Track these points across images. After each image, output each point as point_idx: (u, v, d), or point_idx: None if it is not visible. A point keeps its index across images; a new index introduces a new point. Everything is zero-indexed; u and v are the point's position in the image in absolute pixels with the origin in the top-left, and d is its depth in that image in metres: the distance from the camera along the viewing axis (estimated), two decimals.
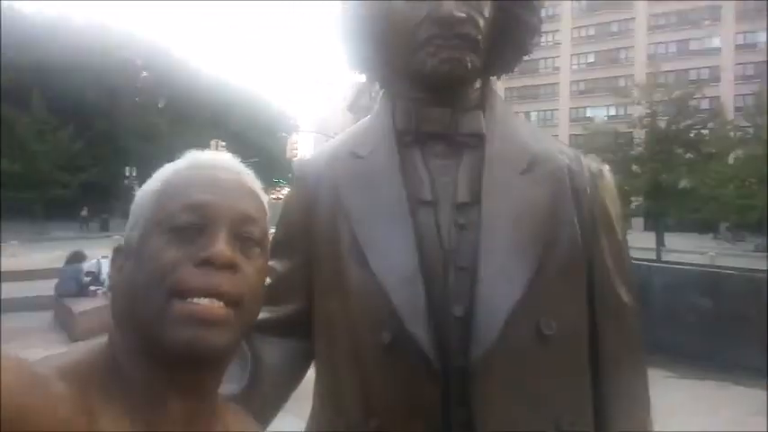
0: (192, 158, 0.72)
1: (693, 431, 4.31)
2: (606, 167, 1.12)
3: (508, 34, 1.09)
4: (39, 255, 15.34)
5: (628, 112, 26.76)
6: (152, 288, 0.61)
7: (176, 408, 0.63)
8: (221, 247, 0.62)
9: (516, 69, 1.21)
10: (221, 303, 0.61)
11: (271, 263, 1.11)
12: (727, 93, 41.89)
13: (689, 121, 22.46)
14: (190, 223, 0.63)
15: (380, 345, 0.92)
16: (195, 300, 0.60)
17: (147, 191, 0.69)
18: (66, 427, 0.52)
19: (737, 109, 34.85)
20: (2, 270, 11.80)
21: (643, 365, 1.10)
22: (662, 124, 22.64)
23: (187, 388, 0.65)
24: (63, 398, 0.54)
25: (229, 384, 0.90)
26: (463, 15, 0.97)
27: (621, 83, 40.04)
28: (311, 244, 1.06)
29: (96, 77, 35.05)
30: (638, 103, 24.17)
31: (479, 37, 1.00)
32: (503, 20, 1.07)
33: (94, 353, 0.64)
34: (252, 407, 0.89)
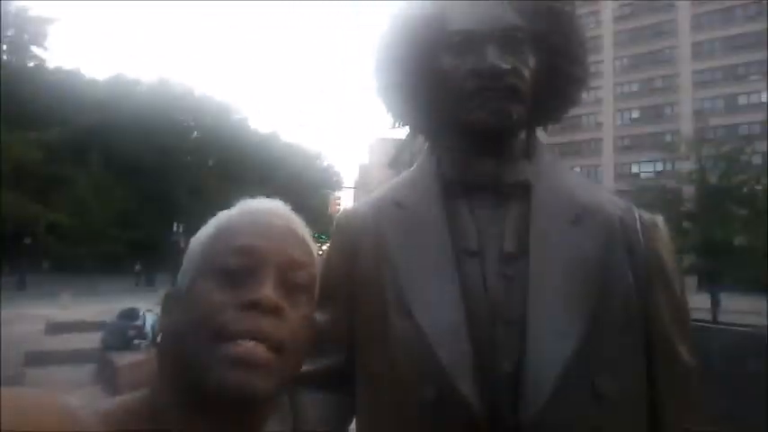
0: (245, 205, 0.74)
1: None
2: (660, 219, 1.07)
3: (554, 86, 1.09)
4: (88, 308, 15.72)
5: (675, 168, 26.22)
6: (199, 329, 0.61)
7: None
8: (267, 291, 0.63)
9: (559, 125, 1.21)
10: (264, 347, 0.61)
11: None
12: None
13: (741, 177, 21.86)
14: (238, 266, 0.65)
15: (425, 401, 0.89)
16: (239, 341, 0.61)
17: (200, 237, 0.71)
18: None
19: None
20: (52, 322, 12.15)
21: (703, 427, 1.01)
22: (712, 180, 22.09)
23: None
24: None
25: None
26: (508, 67, 0.98)
27: (668, 138, 39.46)
28: (354, 294, 1.04)
29: (150, 137, 36.77)
30: (686, 159, 23.73)
31: (524, 88, 1.01)
32: (549, 72, 1.07)
33: (137, 402, 0.64)
34: None
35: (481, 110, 0.99)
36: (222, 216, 0.73)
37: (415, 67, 1.09)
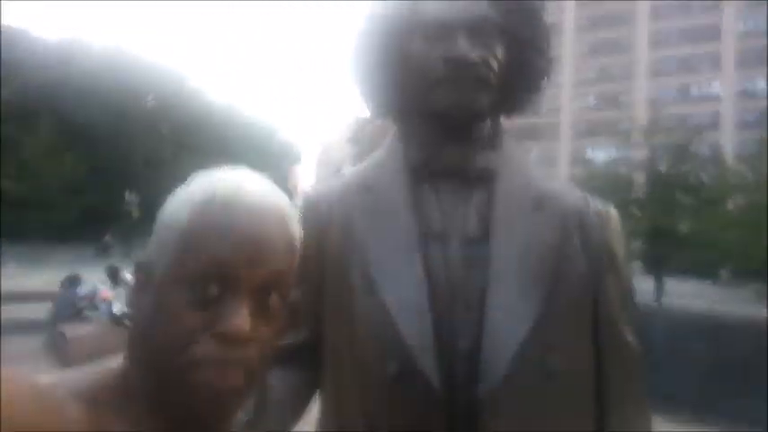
0: (225, 190, 0.65)
1: None
2: (613, 209, 1.14)
3: (519, 76, 1.13)
4: (36, 277, 15.25)
5: (628, 155, 26.92)
6: (170, 353, 0.60)
7: None
8: (242, 322, 0.59)
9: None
10: (233, 373, 0.60)
11: None
12: (728, 139, 42.32)
13: (689, 166, 22.65)
14: (212, 278, 0.60)
15: (387, 376, 0.93)
16: (207, 371, 0.59)
17: (172, 216, 0.64)
18: None
19: (737, 155, 35.21)
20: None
21: (646, 405, 1.10)
22: (662, 168, 22.82)
23: (200, 425, 0.64)
24: (76, 420, 0.55)
25: None
26: (477, 57, 1.01)
27: (622, 125, 40.48)
28: (321, 273, 1.06)
29: (105, 102, 35.45)
30: (639, 147, 24.41)
31: (492, 78, 1.04)
32: (514, 62, 1.11)
33: (109, 377, 0.64)
34: None
35: (449, 97, 1.02)
36: (198, 194, 0.64)
37: (387, 52, 1.12)
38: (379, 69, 1.15)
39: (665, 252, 22.03)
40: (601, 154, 45.22)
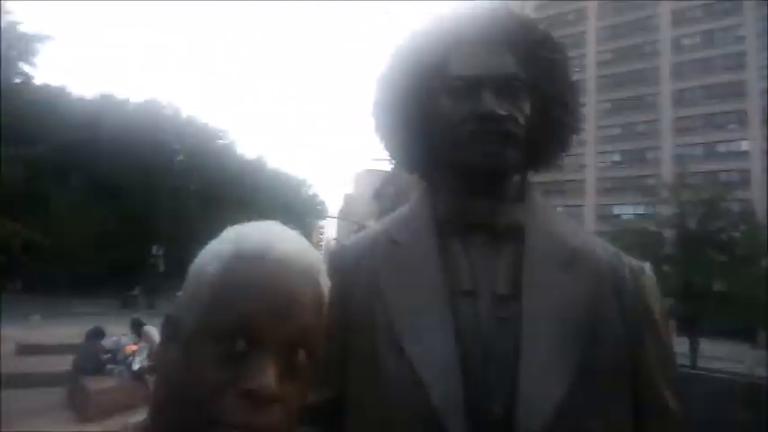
0: (254, 243, 0.66)
1: None
2: (648, 265, 1.09)
3: (547, 132, 1.13)
4: (60, 330, 15.35)
5: (655, 212, 26.63)
6: (194, 409, 0.60)
7: None
8: (268, 380, 0.59)
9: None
10: None
11: None
12: (758, 196, 41.68)
13: (720, 223, 22.27)
14: (239, 336, 0.60)
15: None
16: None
17: (202, 270, 0.65)
18: None
19: None
20: (22, 344, 11.84)
21: None
22: (691, 225, 22.46)
23: None
24: None
25: None
26: (504, 113, 1.01)
27: (649, 182, 40.22)
28: (346, 329, 1.03)
29: (134, 158, 36.53)
30: (667, 203, 24.14)
31: (519, 133, 1.04)
32: (543, 118, 1.10)
33: None
34: None
35: (477, 153, 1.02)
36: (227, 248, 0.66)
37: (413, 108, 1.12)
38: (404, 125, 1.15)
39: (698, 311, 21.40)
40: (627, 210, 44.86)
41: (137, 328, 9.15)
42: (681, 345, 19.72)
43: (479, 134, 1.02)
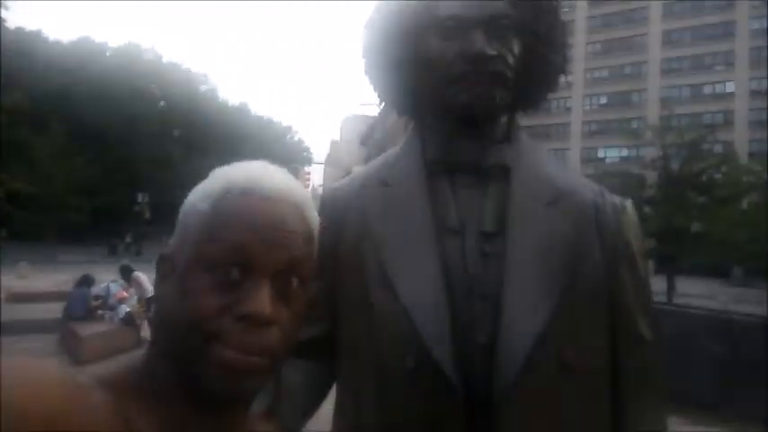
0: (244, 179, 0.68)
1: None
2: (629, 203, 1.13)
3: (535, 72, 1.14)
4: (48, 277, 15.39)
5: (640, 154, 26.74)
6: (192, 331, 0.61)
7: (210, 422, 0.65)
8: (263, 304, 0.61)
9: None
10: (256, 357, 0.61)
11: None
12: (741, 138, 41.93)
13: (701, 165, 22.44)
14: (234, 263, 0.62)
15: (404, 369, 0.95)
16: (231, 351, 0.60)
17: (194, 209, 0.67)
18: None
19: (751, 154, 34.83)
20: (12, 291, 11.88)
21: (662, 399, 1.10)
22: (674, 167, 22.63)
23: (221, 408, 0.66)
24: (102, 406, 0.57)
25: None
26: (494, 53, 1.02)
27: (634, 125, 40.18)
28: (337, 268, 1.08)
29: (116, 105, 35.69)
30: (651, 146, 24.24)
31: (509, 74, 1.05)
32: (530, 58, 1.11)
33: (133, 365, 0.66)
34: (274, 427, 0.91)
35: (466, 93, 1.03)
36: (219, 187, 0.67)
37: (403, 49, 1.13)
38: (394, 67, 1.15)
39: (676, 251, 21.85)
40: (612, 153, 45.01)
41: (126, 274, 9.23)
42: (658, 283, 20.25)
43: (469, 75, 1.02)
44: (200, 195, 0.68)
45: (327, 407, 1.14)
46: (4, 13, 31.66)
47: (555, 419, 0.93)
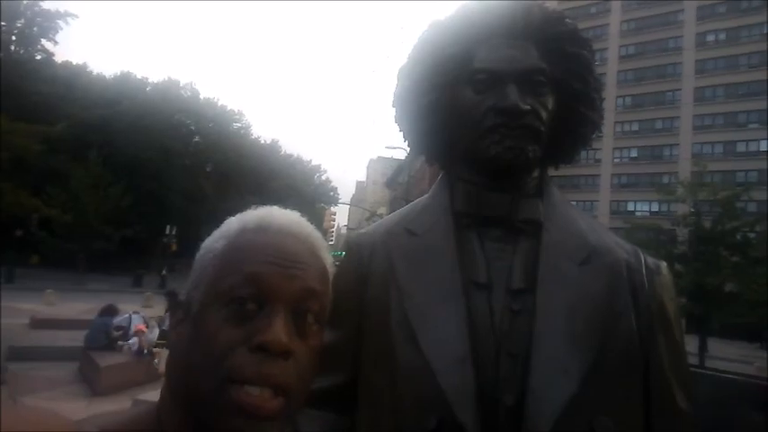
0: (258, 218, 0.70)
1: None
2: (664, 264, 1.10)
3: (569, 127, 1.13)
4: (74, 305, 15.56)
5: (671, 210, 26.29)
6: (208, 369, 0.61)
7: None
8: (278, 334, 0.61)
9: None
10: (272, 392, 0.61)
11: None
12: None
13: (735, 223, 21.95)
14: (249, 296, 0.63)
15: (426, 429, 0.90)
16: (247, 388, 0.60)
17: (210, 249, 0.68)
18: None
19: None
20: (36, 318, 12.01)
21: None
22: (707, 224, 22.18)
23: None
24: None
25: None
26: (528, 108, 1.01)
27: (665, 179, 39.75)
28: (361, 316, 1.05)
29: (152, 138, 36.73)
30: (683, 201, 23.86)
31: (542, 128, 1.04)
32: (565, 114, 1.10)
33: (140, 416, 0.64)
34: None
35: (498, 146, 1.02)
36: (234, 227, 0.69)
37: (436, 99, 1.13)
38: (426, 116, 1.15)
39: (709, 311, 21.20)
40: (643, 207, 44.45)
41: (173, 298, 9.29)
42: (689, 343, 19.54)
43: (501, 128, 1.02)
44: (215, 237, 0.70)
45: None
46: (53, 47, 33.07)
47: None
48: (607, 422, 0.90)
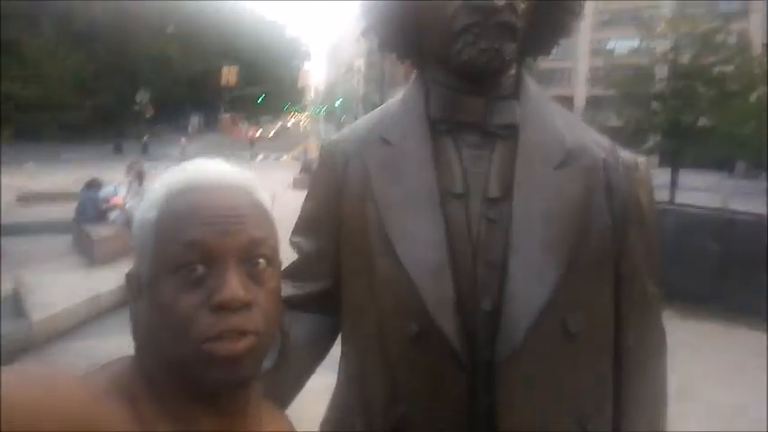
0: (184, 177, 0.68)
1: (694, 370, 4.47)
2: (642, 159, 1.10)
3: (548, 17, 1.06)
4: (56, 177, 15.49)
5: (651, 46, 25.62)
6: (175, 339, 0.62)
7: (220, 413, 0.67)
8: (233, 290, 0.62)
9: None
10: (243, 340, 0.63)
11: (297, 239, 1.13)
12: (757, 27, 40.15)
13: (713, 58, 21.61)
14: (194, 261, 0.62)
15: (408, 335, 0.93)
16: (218, 342, 0.61)
17: (144, 221, 0.66)
18: None
19: (765, 44, 33.48)
20: (23, 193, 12.03)
21: (663, 360, 1.11)
22: (685, 60, 21.84)
23: (227, 397, 0.68)
24: (118, 411, 0.58)
25: None
26: (502, 2, 0.94)
27: (646, 15, 38.42)
28: (339, 227, 1.06)
29: (108, 2, 34.22)
30: (664, 37, 23.26)
31: (518, 24, 0.97)
32: (543, 3, 1.04)
33: (122, 370, 0.66)
34: (280, 381, 0.95)
35: (472, 48, 0.95)
36: (161, 193, 0.67)
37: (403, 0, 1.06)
38: (396, 15, 1.08)
39: (682, 147, 21.60)
40: (623, 45, 43.43)
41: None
42: (661, 176, 20.18)
43: (474, 27, 0.94)
44: (145, 207, 0.68)
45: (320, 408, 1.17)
46: None
47: (556, 386, 0.94)
48: (579, 320, 0.94)
